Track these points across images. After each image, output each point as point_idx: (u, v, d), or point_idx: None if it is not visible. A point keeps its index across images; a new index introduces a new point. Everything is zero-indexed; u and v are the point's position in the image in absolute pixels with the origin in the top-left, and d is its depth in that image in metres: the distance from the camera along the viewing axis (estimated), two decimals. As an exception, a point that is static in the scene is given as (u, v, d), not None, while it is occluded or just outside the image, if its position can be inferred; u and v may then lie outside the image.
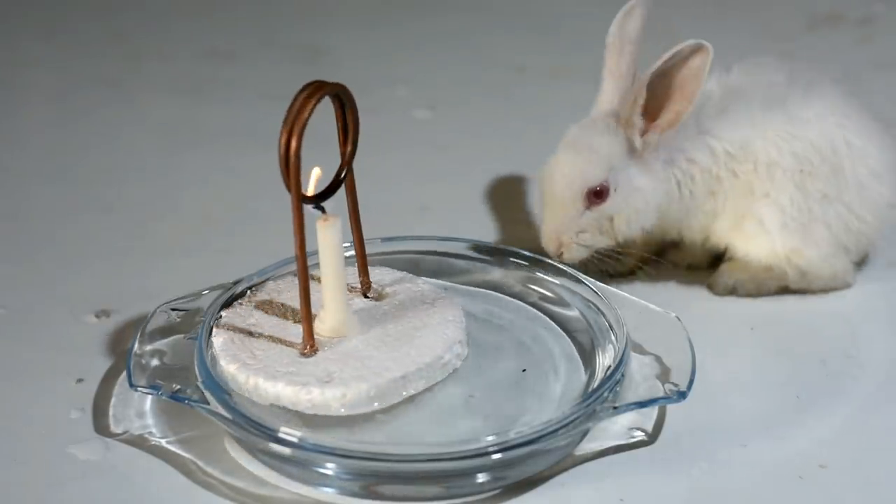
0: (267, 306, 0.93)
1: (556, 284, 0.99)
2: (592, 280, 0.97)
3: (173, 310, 0.95)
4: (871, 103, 1.06)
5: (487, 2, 1.64)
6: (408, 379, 0.87)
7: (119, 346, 0.97)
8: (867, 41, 1.54)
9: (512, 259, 0.99)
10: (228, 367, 0.88)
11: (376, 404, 0.86)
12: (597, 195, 0.96)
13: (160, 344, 0.92)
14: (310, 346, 0.89)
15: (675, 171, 0.99)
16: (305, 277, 0.87)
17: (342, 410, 0.86)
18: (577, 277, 0.98)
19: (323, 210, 0.89)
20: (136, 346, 0.91)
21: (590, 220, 0.97)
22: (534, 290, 0.99)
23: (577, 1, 1.65)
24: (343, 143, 0.90)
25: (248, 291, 0.95)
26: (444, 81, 1.42)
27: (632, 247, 1.01)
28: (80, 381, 0.95)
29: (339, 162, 0.89)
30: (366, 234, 0.94)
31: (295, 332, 0.90)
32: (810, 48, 1.52)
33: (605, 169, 0.96)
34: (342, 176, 0.90)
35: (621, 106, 0.97)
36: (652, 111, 0.96)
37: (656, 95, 0.95)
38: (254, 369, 0.87)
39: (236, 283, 0.97)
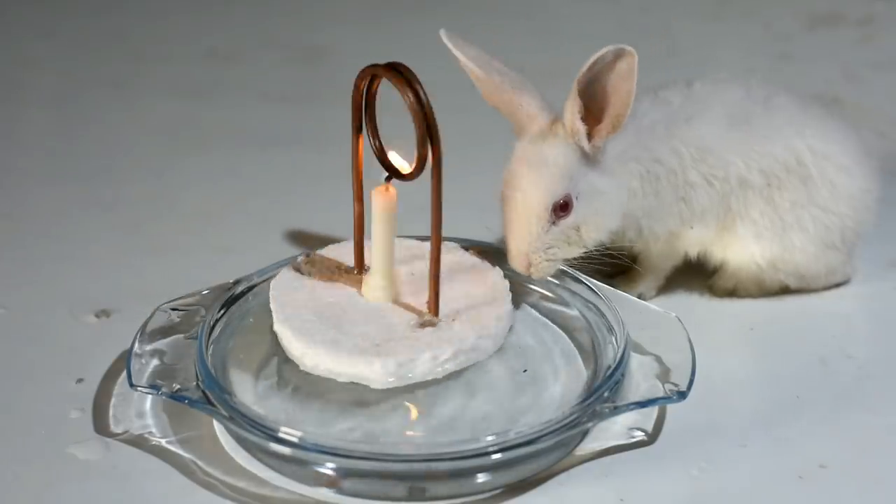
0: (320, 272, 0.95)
1: (556, 284, 0.99)
2: (592, 280, 0.97)
3: (173, 310, 0.95)
4: (871, 103, 1.06)
5: (487, 2, 1.64)
6: (432, 359, 0.87)
7: (119, 346, 0.97)
8: (867, 41, 1.54)
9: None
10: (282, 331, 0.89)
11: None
12: (562, 209, 0.94)
13: (160, 344, 0.92)
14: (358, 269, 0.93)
15: (638, 168, 0.97)
16: (361, 205, 0.92)
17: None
18: (577, 277, 0.98)
19: (388, 180, 0.90)
20: (136, 346, 0.91)
21: (556, 234, 0.94)
22: (534, 290, 0.99)
23: (578, 1, 1.65)
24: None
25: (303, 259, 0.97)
26: (443, 81, 1.42)
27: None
28: (80, 381, 0.95)
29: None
30: (365, 234, 0.94)
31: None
32: (810, 48, 1.52)
33: (565, 180, 0.94)
34: (411, 171, 0.90)
35: (563, 115, 0.94)
36: (595, 114, 0.93)
37: (594, 99, 0.92)
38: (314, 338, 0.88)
39: (236, 282, 0.97)
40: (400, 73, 0.86)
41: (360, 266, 0.94)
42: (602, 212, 0.95)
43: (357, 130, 0.90)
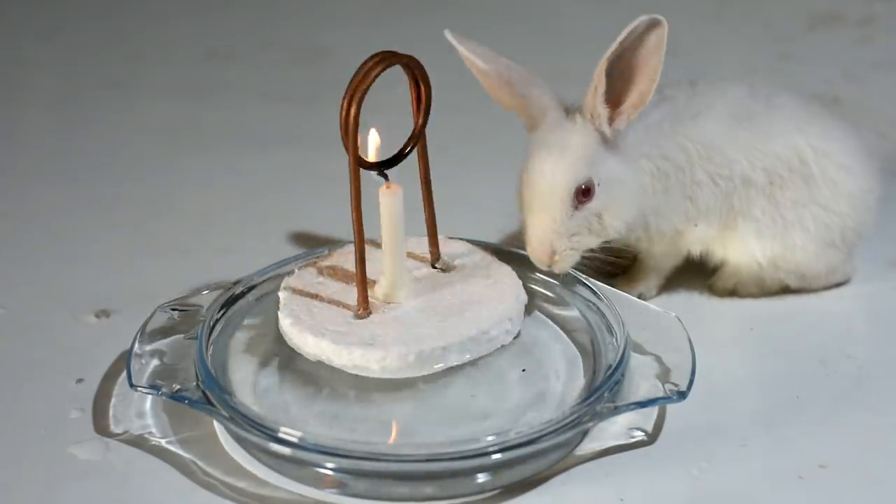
0: (333, 271, 0.94)
1: (556, 284, 0.99)
2: (592, 280, 0.97)
3: (173, 310, 0.95)
4: (871, 103, 1.06)
5: (487, 2, 1.64)
6: (448, 350, 0.87)
7: (119, 346, 0.97)
8: (867, 41, 1.54)
9: (512, 259, 0.99)
10: (284, 322, 0.90)
11: (414, 371, 0.87)
12: (584, 193, 0.93)
13: (160, 344, 0.92)
14: (363, 308, 0.89)
15: (648, 165, 0.97)
16: (361, 241, 0.89)
17: (382, 373, 0.87)
18: (577, 277, 0.97)
19: (386, 178, 0.90)
20: (136, 346, 0.91)
21: (579, 220, 0.94)
22: (534, 290, 0.99)
23: (578, 1, 1.65)
24: (416, 114, 0.91)
25: (325, 252, 0.97)
26: (444, 81, 1.42)
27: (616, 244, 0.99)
28: (80, 381, 0.95)
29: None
30: (366, 235, 0.94)
31: (353, 296, 0.91)
32: (810, 48, 1.52)
33: (587, 164, 0.93)
34: (409, 147, 0.91)
35: (583, 98, 0.94)
36: (615, 97, 0.93)
37: (617, 80, 0.92)
38: (307, 325, 0.88)
39: (236, 283, 0.97)
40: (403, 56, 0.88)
41: (365, 305, 0.90)
42: (622, 199, 0.95)
43: (356, 171, 0.88)
